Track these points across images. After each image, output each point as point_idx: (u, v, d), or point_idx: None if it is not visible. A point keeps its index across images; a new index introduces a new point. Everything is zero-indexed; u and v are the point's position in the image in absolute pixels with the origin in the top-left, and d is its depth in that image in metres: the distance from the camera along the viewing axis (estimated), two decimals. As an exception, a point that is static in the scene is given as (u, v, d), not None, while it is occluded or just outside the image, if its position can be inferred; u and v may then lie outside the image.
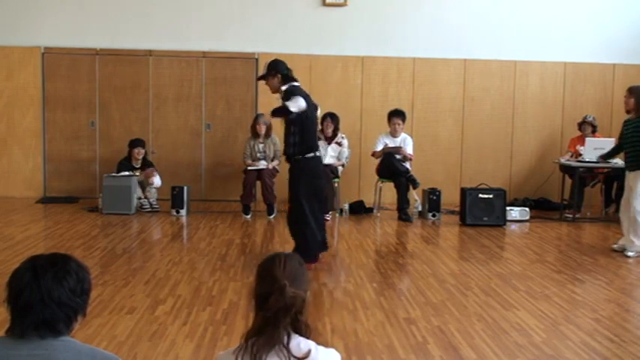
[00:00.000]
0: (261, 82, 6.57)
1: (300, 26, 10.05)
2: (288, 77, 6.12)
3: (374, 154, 9.17)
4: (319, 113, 6.63)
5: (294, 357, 2.02)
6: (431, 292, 5.36)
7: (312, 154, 6.10)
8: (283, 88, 6.09)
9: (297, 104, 5.91)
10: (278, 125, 9.30)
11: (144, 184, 9.13)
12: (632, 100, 6.93)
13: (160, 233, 7.86)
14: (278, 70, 6.10)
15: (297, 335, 2.07)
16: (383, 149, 9.04)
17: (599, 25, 10.26)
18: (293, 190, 6.11)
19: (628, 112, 7.06)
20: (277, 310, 2.01)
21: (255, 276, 2.15)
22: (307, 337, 2.09)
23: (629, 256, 6.74)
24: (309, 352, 2.03)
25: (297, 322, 2.07)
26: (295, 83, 6.14)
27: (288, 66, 6.21)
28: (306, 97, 6.08)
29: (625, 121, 7.18)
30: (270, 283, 2.05)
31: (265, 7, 10.01)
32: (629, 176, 6.93)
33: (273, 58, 6.30)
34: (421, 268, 6.18)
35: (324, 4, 10.03)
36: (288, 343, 2.03)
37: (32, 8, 9.86)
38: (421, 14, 10.14)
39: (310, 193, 6.08)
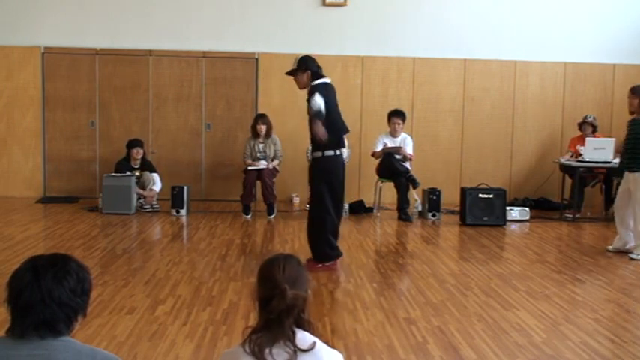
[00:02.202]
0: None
1: (300, 26, 10.05)
2: (317, 74, 6.00)
3: (374, 155, 9.16)
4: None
5: (300, 349, 2.07)
6: (431, 292, 5.36)
7: (332, 153, 5.98)
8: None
9: (315, 104, 5.76)
10: (279, 125, 9.36)
11: (144, 184, 9.13)
12: (636, 101, 6.85)
13: (160, 233, 7.86)
14: (308, 67, 5.98)
15: (300, 330, 2.14)
16: (383, 149, 9.04)
17: (599, 25, 10.26)
18: (314, 189, 6.05)
19: (632, 112, 6.98)
20: (280, 312, 2.09)
21: (256, 279, 2.22)
22: (311, 334, 2.16)
23: (634, 259, 6.68)
24: (314, 344, 2.10)
25: (301, 319, 2.14)
26: (324, 80, 6.01)
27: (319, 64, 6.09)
28: (328, 96, 5.95)
29: (630, 122, 7.07)
30: (270, 287, 2.13)
31: (265, 7, 10.01)
32: (629, 177, 6.84)
33: (303, 55, 6.17)
34: (421, 268, 6.18)
35: (324, 4, 10.03)
36: (293, 338, 2.09)
37: (32, 8, 9.86)
38: (421, 14, 10.14)
39: (330, 193, 5.98)
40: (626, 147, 6.97)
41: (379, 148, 9.10)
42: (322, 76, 6.06)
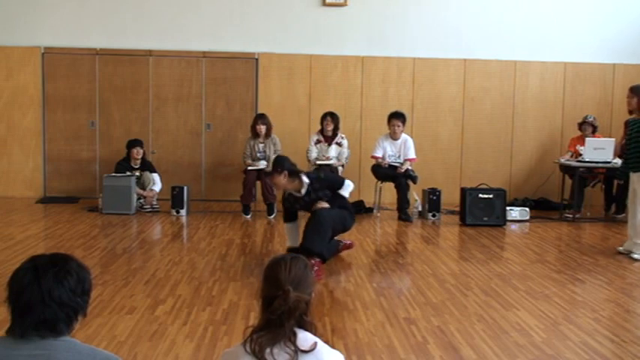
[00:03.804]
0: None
1: (300, 26, 10.05)
2: (294, 172, 6.18)
3: (374, 158, 9.13)
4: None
5: (301, 350, 2.07)
6: (431, 292, 5.36)
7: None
8: (304, 191, 6.14)
9: (346, 189, 6.34)
10: (279, 125, 9.36)
11: (144, 184, 9.13)
12: (634, 100, 6.83)
13: (160, 233, 7.86)
14: (284, 167, 6.12)
15: (302, 330, 2.13)
16: (385, 161, 8.97)
17: (599, 25, 10.26)
18: (341, 211, 6.27)
19: (631, 112, 6.95)
20: (281, 313, 2.09)
21: (262, 277, 2.22)
22: (313, 335, 2.16)
23: (635, 259, 6.67)
24: (315, 344, 2.10)
25: (302, 321, 2.15)
26: (304, 174, 6.26)
27: (292, 161, 6.31)
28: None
29: (629, 122, 7.02)
30: (274, 286, 2.13)
31: (265, 7, 10.01)
32: (633, 177, 6.78)
33: (277, 155, 6.39)
34: (421, 268, 6.18)
35: (324, 4, 10.03)
36: (294, 339, 2.09)
37: (32, 8, 9.87)
38: (421, 14, 10.14)
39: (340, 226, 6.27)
40: (629, 147, 6.89)
41: (378, 151, 9.08)
42: (299, 172, 6.22)
